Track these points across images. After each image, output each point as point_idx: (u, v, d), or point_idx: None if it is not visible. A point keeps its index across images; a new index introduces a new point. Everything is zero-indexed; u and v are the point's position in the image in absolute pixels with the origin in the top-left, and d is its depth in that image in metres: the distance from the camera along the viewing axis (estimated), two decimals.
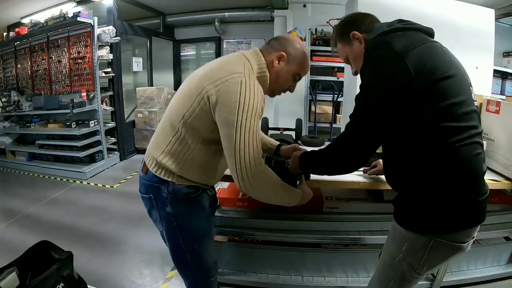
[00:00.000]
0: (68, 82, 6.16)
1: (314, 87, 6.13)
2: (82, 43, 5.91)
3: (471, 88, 1.39)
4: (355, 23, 1.63)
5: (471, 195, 1.33)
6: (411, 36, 1.40)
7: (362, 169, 2.04)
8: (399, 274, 1.52)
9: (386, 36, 1.43)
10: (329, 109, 6.31)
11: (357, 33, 1.59)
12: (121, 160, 6.77)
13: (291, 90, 1.78)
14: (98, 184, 5.54)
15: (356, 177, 2.04)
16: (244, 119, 1.41)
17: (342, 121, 4.71)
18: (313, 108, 6.24)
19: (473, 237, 1.43)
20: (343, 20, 1.71)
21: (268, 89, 1.69)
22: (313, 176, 1.93)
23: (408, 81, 1.26)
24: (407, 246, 1.44)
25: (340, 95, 5.97)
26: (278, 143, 2.17)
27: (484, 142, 2.07)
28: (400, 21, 1.51)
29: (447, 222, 1.34)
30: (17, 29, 6.44)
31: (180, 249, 1.77)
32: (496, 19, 3.31)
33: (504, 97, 4.20)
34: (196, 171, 1.63)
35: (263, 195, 1.58)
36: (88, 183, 5.60)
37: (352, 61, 1.69)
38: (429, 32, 1.51)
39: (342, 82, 4.87)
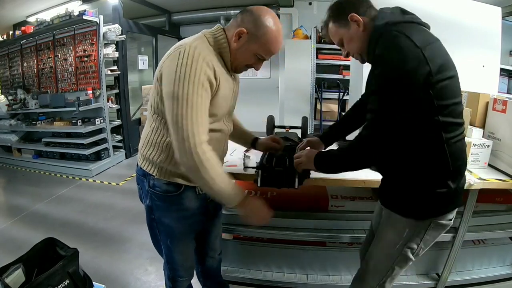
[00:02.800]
0: (74, 80, 6.19)
1: (320, 85, 6.10)
2: (88, 41, 5.93)
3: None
4: (355, 5, 1.55)
5: (460, 183, 1.50)
6: (424, 32, 1.41)
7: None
8: (398, 260, 1.63)
9: (401, 26, 1.37)
10: (334, 107, 6.28)
11: (356, 15, 1.51)
12: (126, 157, 6.82)
13: (256, 68, 1.64)
14: (104, 182, 5.57)
15: (361, 175, 2.03)
16: (181, 89, 1.34)
17: None
18: (318, 106, 6.22)
19: (454, 215, 1.57)
20: (335, 5, 1.63)
21: (231, 65, 1.61)
22: (318, 174, 1.92)
23: (427, 77, 1.27)
24: (409, 232, 1.55)
25: (346, 93, 5.96)
26: (254, 136, 2.11)
27: (491, 142, 2.08)
28: (403, 11, 1.48)
29: (444, 206, 1.50)
30: (23, 28, 6.48)
31: (157, 239, 1.83)
32: (503, 17, 3.28)
33: (510, 96, 4.16)
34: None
35: (202, 177, 1.42)
36: (94, 181, 5.64)
37: (347, 43, 1.61)
38: (428, 27, 1.51)
39: (348, 80, 4.86)
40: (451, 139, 1.38)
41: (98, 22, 5.74)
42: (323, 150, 1.75)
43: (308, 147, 1.91)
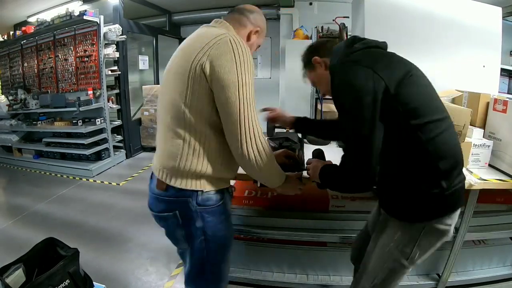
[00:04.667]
0: (74, 80, 6.20)
1: None
2: (89, 41, 5.94)
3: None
4: (316, 49, 1.76)
5: (454, 182, 1.43)
6: (372, 53, 1.52)
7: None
8: (390, 264, 1.59)
9: (351, 56, 1.49)
10: (335, 107, 6.27)
11: (317, 58, 1.70)
12: (127, 158, 6.82)
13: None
14: (105, 182, 5.57)
15: None
16: (245, 78, 1.34)
17: None
18: (319, 107, 6.19)
19: (455, 220, 1.52)
20: (306, 49, 1.82)
21: None
22: None
23: (385, 90, 1.32)
24: (400, 234, 1.53)
25: None
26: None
27: (491, 142, 2.07)
28: (354, 41, 1.58)
29: (438, 209, 1.44)
30: (23, 28, 6.49)
31: (202, 261, 1.64)
32: (503, 17, 3.28)
33: (511, 96, 4.15)
34: (224, 162, 1.51)
35: (257, 169, 1.45)
36: (95, 181, 5.64)
37: (318, 84, 1.83)
38: (384, 46, 1.61)
39: None
40: (431, 139, 1.36)
41: (98, 22, 5.75)
42: (327, 165, 1.66)
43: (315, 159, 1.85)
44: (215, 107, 1.39)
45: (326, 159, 1.82)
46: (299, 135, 2.80)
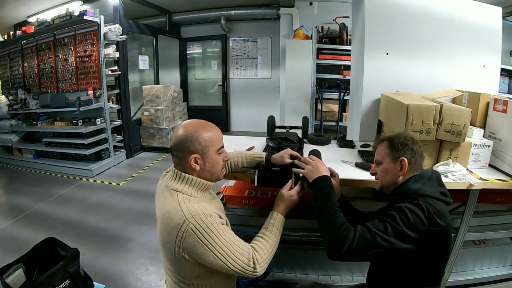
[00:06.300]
0: (74, 80, 6.20)
1: (321, 85, 6.11)
2: (89, 41, 5.94)
3: None
4: (412, 153, 1.64)
5: None
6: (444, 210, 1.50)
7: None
8: None
9: (438, 204, 1.48)
10: (335, 107, 6.29)
11: (405, 161, 1.62)
12: (127, 158, 6.82)
13: (226, 158, 1.69)
14: (105, 182, 5.57)
15: (361, 175, 2.04)
16: (216, 242, 1.42)
17: (349, 119, 4.72)
18: (319, 106, 6.22)
19: None
20: (402, 140, 1.67)
21: (211, 180, 1.64)
22: None
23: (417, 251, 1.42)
24: None
25: (346, 93, 5.95)
26: (265, 154, 2.00)
27: (491, 142, 2.07)
28: (439, 182, 1.61)
29: None
30: (23, 28, 6.48)
31: None
32: (503, 17, 3.27)
33: (511, 96, 4.14)
34: None
35: (270, 255, 1.68)
36: (95, 181, 5.64)
37: (382, 170, 1.71)
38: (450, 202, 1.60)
39: (348, 80, 4.83)
40: None
41: (98, 22, 5.75)
42: (327, 179, 1.69)
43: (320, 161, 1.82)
44: (203, 268, 1.53)
45: (321, 159, 1.82)
46: (299, 134, 2.80)
